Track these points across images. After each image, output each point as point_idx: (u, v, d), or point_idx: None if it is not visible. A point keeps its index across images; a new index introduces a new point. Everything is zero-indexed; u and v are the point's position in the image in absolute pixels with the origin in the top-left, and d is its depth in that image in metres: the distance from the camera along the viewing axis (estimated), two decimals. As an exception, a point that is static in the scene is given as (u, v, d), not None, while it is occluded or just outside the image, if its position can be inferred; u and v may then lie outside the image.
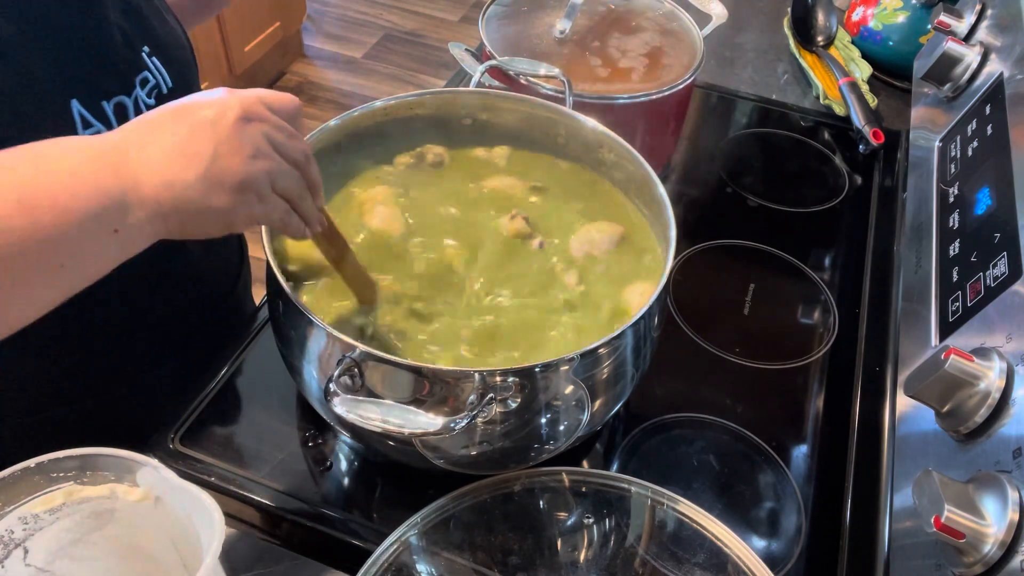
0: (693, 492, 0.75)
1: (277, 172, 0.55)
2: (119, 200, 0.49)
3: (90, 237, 0.49)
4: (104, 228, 0.49)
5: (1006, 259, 0.65)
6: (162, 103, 0.74)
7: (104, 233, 0.49)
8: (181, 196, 0.51)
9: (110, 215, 0.49)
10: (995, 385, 0.58)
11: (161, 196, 0.50)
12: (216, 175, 0.51)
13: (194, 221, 0.53)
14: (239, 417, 0.79)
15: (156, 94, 0.75)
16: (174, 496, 0.53)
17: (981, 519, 0.52)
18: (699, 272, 0.97)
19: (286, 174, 0.56)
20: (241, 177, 0.52)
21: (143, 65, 0.74)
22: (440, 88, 0.91)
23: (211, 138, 0.52)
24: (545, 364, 0.61)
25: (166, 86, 0.76)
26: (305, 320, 0.63)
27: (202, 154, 0.51)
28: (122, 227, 0.50)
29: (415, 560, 0.66)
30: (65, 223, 0.47)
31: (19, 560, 0.53)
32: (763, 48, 1.36)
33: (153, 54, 0.75)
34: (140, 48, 0.74)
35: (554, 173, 0.84)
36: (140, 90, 0.73)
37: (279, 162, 0.55)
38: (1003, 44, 0.87)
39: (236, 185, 0.52)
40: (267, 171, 0.54)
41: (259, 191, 0.54)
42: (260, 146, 0.53)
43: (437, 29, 3.17)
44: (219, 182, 0.52)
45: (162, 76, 0.76)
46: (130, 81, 0.72)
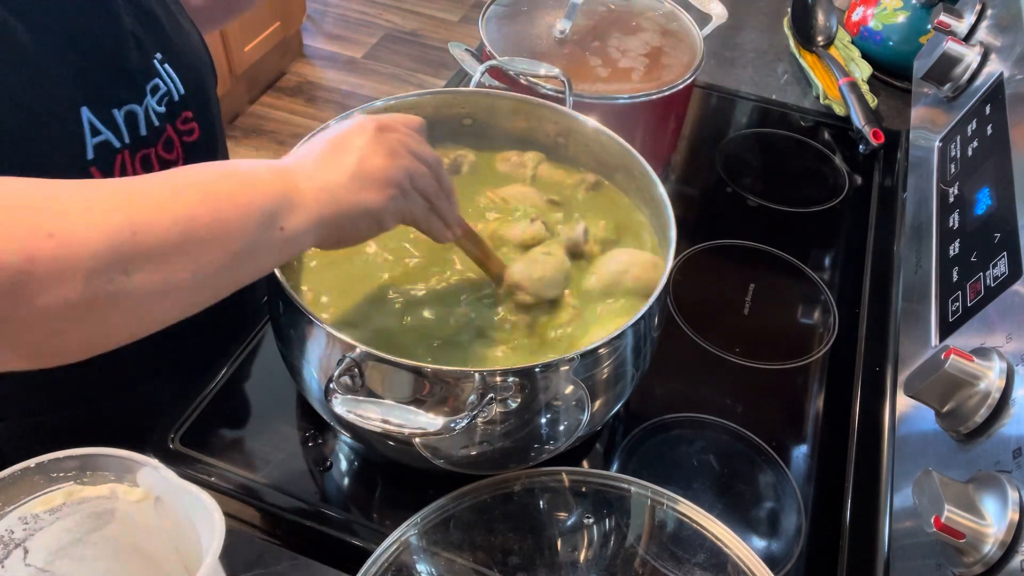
0: (693, 492, 0.75)
1: (415, 171, 0.62)
2: (285, 201, 0.55)
3: (261, 232, 0.53)
4: (272, 225, 0.54)
5: (1006, 259, 0.65)
6: (173, 110, 0.76)
7: (272, 230, 0.54)
8: (335, 196, 0.57)
9: (278, 213, 0.54)
10: (995, 385, 0.58)
11: (319, 198, 0.56)
12: (363, 173, 0.58)
13: (348, 220, 0.59)
14: (239, 417, 0.79)
15: (167, 101, 0.75)
16: (174, 496, 0.53)
17: (981, 519, 0.52)
18: (699, 272, 0.97)
19: (423, 173, 0.63)
20: (385, 172, 0.59)
21: (155, 72, 0.74)
22: (440, 88, 0.91)
23: (356, 147, 0.59)
24: (545, 364, 0.61)
25: (177, 93, 0.76)
26: (305, 320, 0.63)
27: (348, 160, 0.59)
28: (287, 226, 0.55)
29: (415, 560, 0.66)
30: (242, 217, 0.52)
31: (19, 560, 0.53)
32: (763, 48, 1.36)
33: (165, 61, 0.75)
34: (153, 55, 0.74)
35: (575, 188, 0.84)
36: (151, 98, 0.73)
37: (415, 162, 0.62)
38: (1003, 44, 0.87)
39: (381, 180, 0.59)
40: (406, 168, 0.61)
41: (402, 186, 0.61)
42: (397, 149, 0.61)
43: (437, 29, 3.17)
44: (366, 179, 0.58)
45: (174, 83, 0.76)
46: (142, 89, 0.72)
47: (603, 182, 0.84)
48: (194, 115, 0.78)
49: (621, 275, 0.73)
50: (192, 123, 0.78)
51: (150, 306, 0.50)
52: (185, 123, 0.77)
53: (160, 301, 0.50)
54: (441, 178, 0.65)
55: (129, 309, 0.49)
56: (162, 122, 0.74)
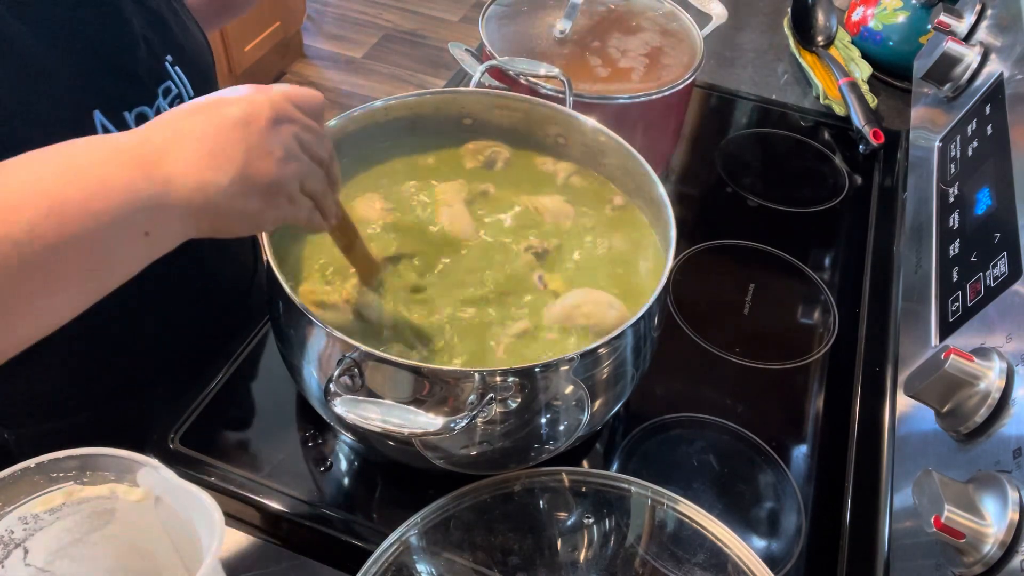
0: (693, 492, 0.75)
1: (306, 173, 0.55)
2: (150, 203, 0.49)
3: (121, 240, 0.49)
4: (136, 231, 0.49)
5: (1006, 259, 0.65)
6: None
7: (135, 236, 0.49)
8: (213, 199, 0.50)
9: (141, 218, 0.49)
10: (995, 385, 0.58)
11: (193, 198, 0.50)
12: (248, 178, 0.51)
13: (224, 223, 0.53)
14: (239, 417, 0.79)
15: (178, 103, 0.75)
16: (174, 496, 0.53)
17: (981, 519, 0.52)
18: (699, 272, 0.97)
19: (314, 174, 0.56)
20: (273, 180, 0.53)
21: (166, 75, 0.74)
22: (440, 88, 0.91)
23: (242, 140, 0.51)
24: (545, 364, 0.61)
25: (188, 95, 0.77)
26: (305, 320, 0.63)
27: (234, 157, 0.51)
28: (153, 229, 0.49)
29: (415, 560, 0.66)
30: (96, 228, 0.47)
31: (19, 560, 0.53)
32: (763, 48, 1.36)
33: (176, 64, 0.76)
34: (164, 58, 0.74)
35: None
36: (162, 100, 0.73)
37: (308, 164, 0.55)
38: (1003, 44, 0.87)
39: (267, 188, 0.53)
40: (297, 173, 0.54)
41: (290, 193, 0.55)
42: (291, 149, 0.54)
43: (437, 29, 3.17)
44: (251, 185, 0.52)
45: (184, 86, 0.76)
46: (152, 91, 0.72)
47: (630, 203, 0.82)
48: None
49: (573, 310, 0.71)
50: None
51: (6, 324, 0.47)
52: None
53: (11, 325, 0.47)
54: (331, 171, 0.59)
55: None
56: None
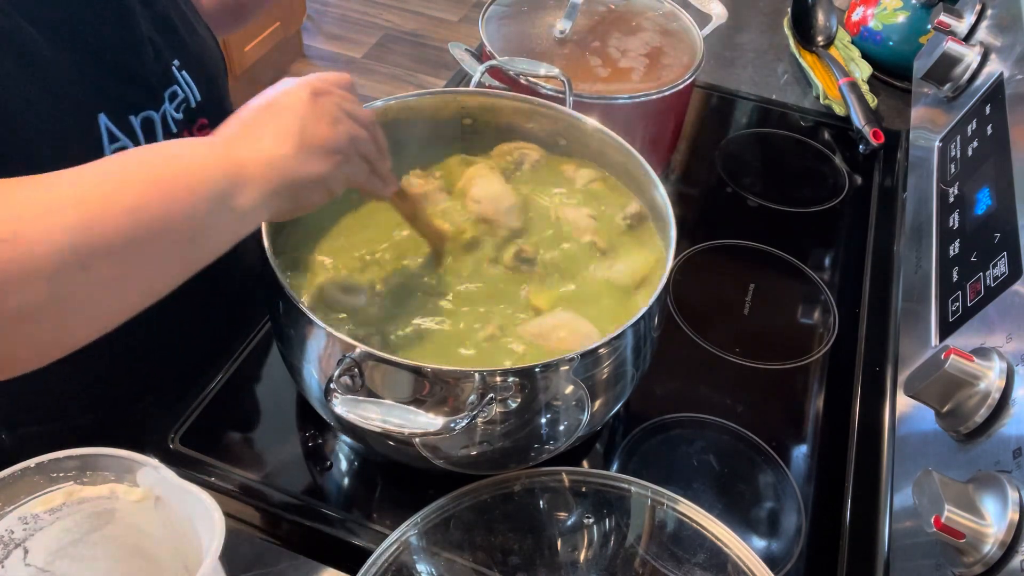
0: (693, 492, 0.75)
1: (356, 135, 0.61)
2: (234, 179, 0.54)
3: (215, 213, 0.53)
4: (225, 206, 0.54)
5: (1006, 259, 0.65)
6: (190, 117, 0.76)
7: (225, 210, 0.54)
8: (283, 169, 0.56)
9: (229, 194, 0.54)
10: (995, 385, 0.58)
11: (267, 174, 0.56)
12: (308, 143, 0.58)
13: (299, 191, 0.58)
14: (239, 417, 0.79)
15: (184, 108, 0.75)
16: (174, 496, 0.53)
17: (981, 519, 0.52)
18: (699, 272, 0.97)
19: (364, 137, 0.62)
20: (329, 141, 0.59)
21: (173, 79, 0.74)
22: (440, 88, 0.91)
23: (295, 116, 0.58)
24: (545, 364, 0.61)
25: (194, 99, 0.77)
26: (305, 320, 0.63)
27: (291, 130, 0.57)
28: (238, 204, 0.54)
29: (415, 560, 0.66)
30: (195, 200, 0.52)
31: (19, 560, 0.53)
32: (763, 48, 1.36)
33: (183, 68, 0.75)
34: (171, 62, 0.74)
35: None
36: (169, 104, 0.73)
37: (355, 126, 0.61)
38: (1003, 44, 0.87)
39: (327, 148, 0.59)
40: (348, 133, 0.60)
41: (346, 152, 0.60)
42: (336, 114, 0.60)
43: (437, 29, 3.17)
44: (311, 149, 0.58)
45: (191, 90, 0.76)
46: (159, 96, 0.72)
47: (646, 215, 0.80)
48: (210, 122, 0.79)
49: (552, 330, 0.70)
50: (208, 130, 0.78)
51: (110, 299, 0.50)
52: (201, 129, 0.78)
53: (120, 293, 0.51)
54: (378, 138, 0.65)
55: (90, 304, 0.49)
56: (179, 128, 0.75)
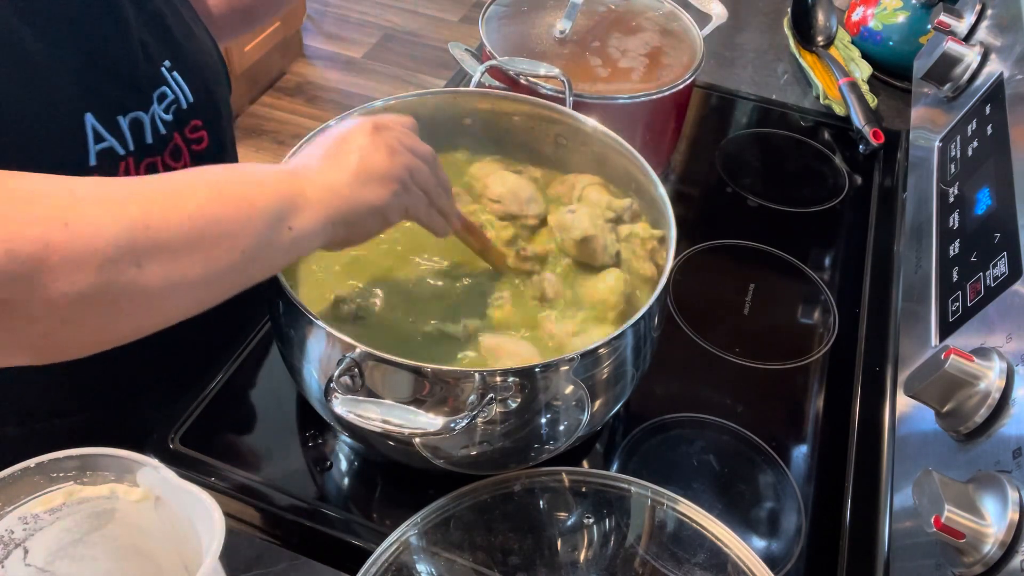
0: (693, 492, 0.75)
1: (414, 167, 0.63)
2: (293, 202, 0.56)
3: (271, 230, 0.54)
4: (282, 225, 0.55)
5: (1006, 259, 0.65)
6: (181, 119, 0.75)
7: (282, 229, 0.55)
8: (341, 195, 0.58)
9: (287, 214, 0.55)
10: (995, 385, 0.58)
11: (325, 199, 0.58)
12: (365, 171, 0.60)
13: (355, 218, 0.60)
14: (239, 417, 0.79)
15: (175, 109, 0.74)
16: (174, 496, 0.53)
17: (981, 519, 0.52)
18: (699, 272, 0.97)
19: (422, 169, 0.64)
20: (387, 169, 0.61)
21: (162, 80, 0.73)
22: (440, 88, 0.91)
23: (356, 146, 0.61)
24: (545, 364, 0.61)
25: (186, 101, 0.76)
26: (305, 320, 0.63)
27: (350, 159, 0.60)
28: (296, 226, 0.56)
29: (415, 560, 0.66)
30: (254, 215, 0.53)
31: (19, 560, 0.53)
32: (763, 48, 1.36)
33: (174, 68, 0.75)
34: (160, 63, 0.73)
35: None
36: (157, 106, 0.73)
37: (414, 159, 0.63)
38: (1003, 44, 0.87)
39: (384, 177, 0.61)
40: (406, 164, 0.62)
41: (403, 182, 0.62)
42: (395, 146, 0.62)
43: (437, 29, 3.17)
44: (369, 177, 0.60)
45: (182, 91, 0.75)
46: (148, 96, 0.72)
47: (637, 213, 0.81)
48: (204, 124, 0.78)
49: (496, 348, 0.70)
50: (201, 131, 0.78)
51: (159, 300, 0.50)
52: (194, 131, 0.77)
53: (169, 296, 0.51)
54: (438, 173, 0.67)
55: (138, 302, 0.49)
56: (169, 130, 0.74)
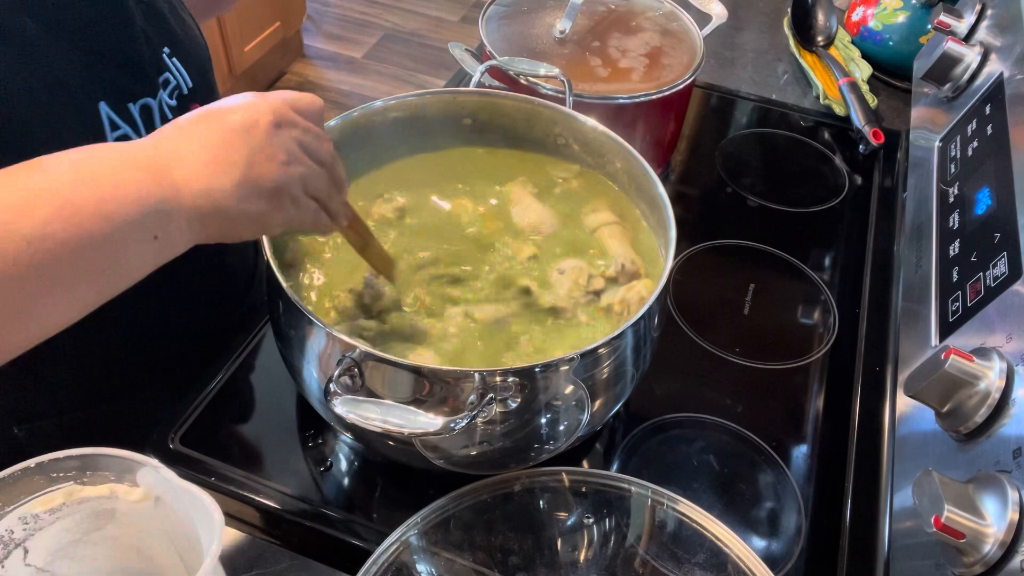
0: (693, 492, 0.75)
1: (309, 176, 0.57)
2: (160, 208, 0.50)
3: (132, 242, 0.50)
4: (145, 234, 0.50)
5: (1006, 259, 0.65)
6: (183, 104, 0.76)
7: (145, 239, 0.50)
8: (219, 203, 0.52)
9: (151, 222, 0.50)
10: (995, 385, 0.58)
11: (199, 203, 0.52)
12: (252, 181, 0.53)
13: (230, 227, 0.54)
14: (239, 417, 0.79)
15: (177, 95, 0.75)
16: (174, 496, 0.53)
17: (981, 519, 0.52)
18: (699, 272, 0.97)
19: (317, 176, 0.58)
20: (276, 182, 0.54)
21: (164, 66, 0.74)
22: (440, 88, 0.91)
23: (245, 145, 0.53)
24: (545, 364, 0.61)
25: (186, 86, 0.77)
26: (305, 320, 0.63)
27: (237, 161, 0.52)
28: (162, 233, 0.51)
29: (415, 560, 0.66)
30: (109, 229, 0.48)
31: (19, 560, 0.53)
32: (763, 48, 1.36)
33: (173, 55, 0.76)
34: (161, 49, 0.74)
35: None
36: (163, 91, 0.74)
37: (310, 166, 0.57)
38: (1003, 44, 0.87)
39: (271, 191, 0.54)
40: (300, 176, 0.56)
41: (293, 195, 0.56)
42: (292, 151, 0.55)
43: (437, 29, 3.17)
44: (255, 188, 0.53)
45: (182, 76, 0.76)
46: (154, 82, 0.73)
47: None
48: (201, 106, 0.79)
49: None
50: None
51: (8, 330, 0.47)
52: None
53: (19, 323, 0.48)
54: (335, 174, 0.60)
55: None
56: (174, 115, 0.75)
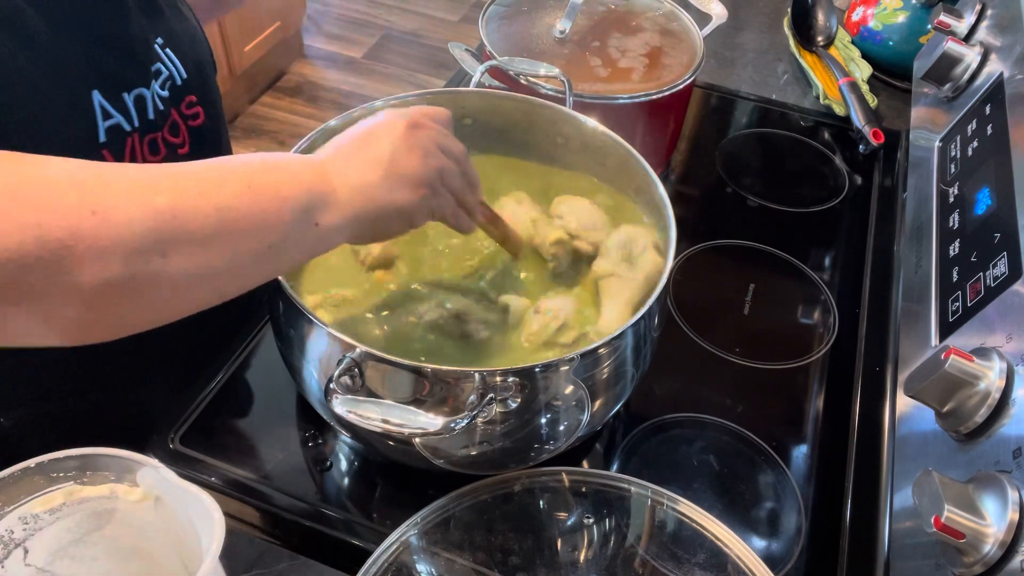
0: (693, 492, 0.75)
1: (446, 169, 0.63)
2: (322, 200, 0.56)
3: (297, 226, 0.55)
4: (309, 220, 0.55)
5: (1006, 259, 0.65)
6: (176, 95, 0.77)
7: (308, 225, 0.55)
8: (369, 196, 0.58)
9: (314, 210, 0.55)
10: (995, 385, 0.58)
11: (354, 199, 0.57)
12: (397, 173, 0.59)
13: (382, 219, 0.60)
14: (239, 417, 0.79)
15: (170, 86, 0.76)
16: (174, 496, 0.53)
17: (981, 519, 0.52)
18: (699, 272, 0.97)
19: (453, 171, 0.64)
20: (418, 173, 0.60)
21: (156, 57, 0.75)
22: (440, 88, 0.91)
23: (388, 145, 0.60)
24: (545, 364, 0.61)
25: (180, 78, 0.77)
26: (305, 320, 0.63)
27: (383, 158, 0.59)
28: (322, 222, 0.56)
29: (415, 560, 0.66)
30: (281, 209, 0.53)
31: (19, 560, 0.53)
32: (763, 48, 1.36)
33: (166, 46, 0.76)
34: (154, 40, 0.75)
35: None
36: (155, 82, 0.74)
37: (446, 160, 0.63)
38: (1003, 44, 0.87)
39: (415, 180, 0.60)
40: (438, 168, 0.62)
41: (433, 186, 0.62)
42: (429, 147, 0.61)
43: (437, 29, 3.17)
44: (400, 179, 0.59)
45: (175, 68, 0.77)
46: (148, 72, 0.73)
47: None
48: (198, 99, 0.80)
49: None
50: (196, 107, 0.80)
51: (183, 290, 0.51)
52: (189, 107, 0.79)
53: (194, 286, 0.51)
54: (467, 171, 0.66)
55: (163, 291, 0.50)
56: (167, 106, 0.76)
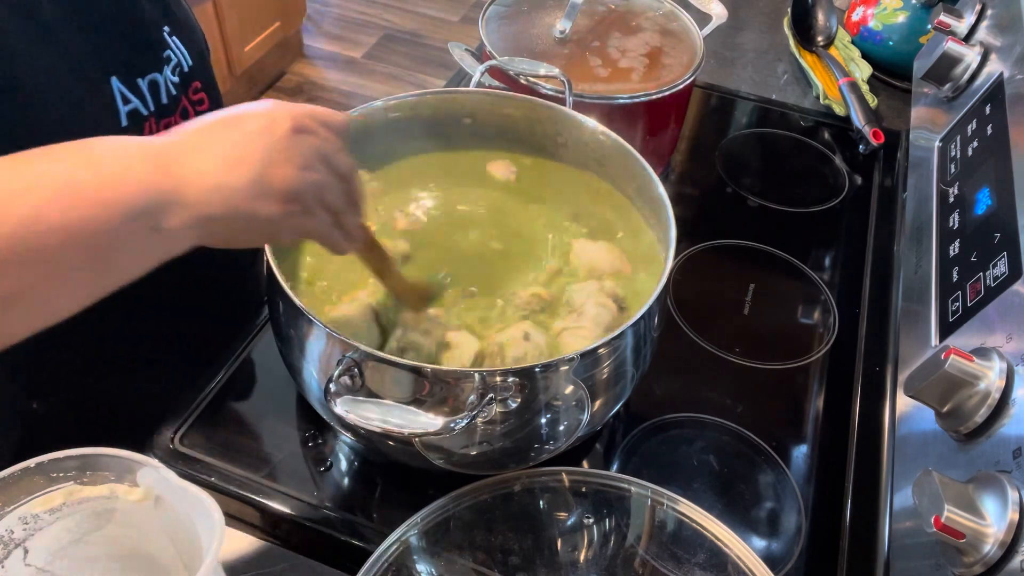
0: (693, 492, 0.75)
1: (325, 185, 0.54)
2: (163, 199, 0.48)
3: (129, 234, 0.48)
4: (144, 226, 0.48)
5: (1006, 259, 0.65)
6: (184, 81, 0.78)
7: (143, 231, 0.48)
8: (229, 201, 0.50)
9: (151, 213, 0.48)
10: (995, 385, 0.58)
11: (210, 199, 0.50)
12: (266, 182, 0.51)
13: (239, 228, 0.52)
14: (239, 417, 0.79)
15: (179, 72, 0.77)
16: (174, 496, 0.53)
17: (981, 519, 0.52)
18: (699, 272, 0.97)
19: (333, 187, 0.55)
20: (291, 186, 0.52)
21: (165, 44, 0.76)
22: (440, 88, 0.91)
23: (262, 147, 0.51)
24: (545, 364, 0.61)
25: (187, 64, 0.78)
26: (305, 320, 0.63)
27: (253, 160, 0.51)
28: (163, 227, 0.48)
29: (415, 560, 0.66)
30: (105, 215, 0.46)
31: (19, 560, 0.53)
32: (763, 48, 1.36)
33: (172, 33, 0.78)
34: (162, 27, 0.76)
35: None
36: (166, 67, 0.76)
37: (327, 175, 0.55)
38: (1003, 44, 0.87)
39: (285, 194, 0.52)
40: (316, 183, 0.54)
41: (306, 203, 0.54)
42: (310, 158, 0.53)
43: (437, 29, 3.17)
44: (268, 189, 0.51)
45: (182, 54, 0.78)
46: (160, 58, 0.75)
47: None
48: (202, 85, 0.81)
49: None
50: (201, 93, 0.81)
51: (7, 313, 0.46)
52: (195, 93, 0.80)
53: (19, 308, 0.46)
54: (353, 190, 0.58)
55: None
56: (177, 92, 0.77)
